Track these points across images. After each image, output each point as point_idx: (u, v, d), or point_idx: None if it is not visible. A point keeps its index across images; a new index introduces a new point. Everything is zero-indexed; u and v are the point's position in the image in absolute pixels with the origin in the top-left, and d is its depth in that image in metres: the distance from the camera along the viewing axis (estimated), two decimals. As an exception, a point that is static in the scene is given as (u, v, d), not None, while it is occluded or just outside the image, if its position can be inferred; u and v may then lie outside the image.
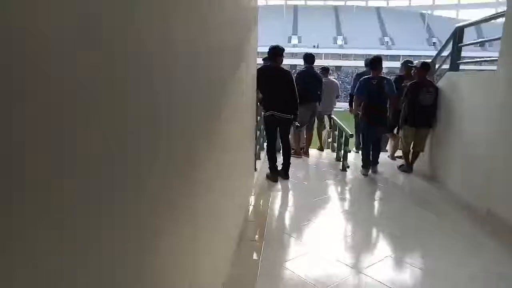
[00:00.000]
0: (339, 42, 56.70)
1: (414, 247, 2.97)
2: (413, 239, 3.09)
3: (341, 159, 5.37)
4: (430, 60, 5.29)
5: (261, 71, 4.28)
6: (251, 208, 3.57)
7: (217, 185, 1.91)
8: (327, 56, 54.18)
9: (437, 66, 5.50)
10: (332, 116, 6.48)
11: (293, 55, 52.93)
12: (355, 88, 5.12)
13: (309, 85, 5.48)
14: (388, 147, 6.57)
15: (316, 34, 55.32)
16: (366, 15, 61.68)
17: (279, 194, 4.15)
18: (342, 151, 5.21)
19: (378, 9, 64.58)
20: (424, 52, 52.15)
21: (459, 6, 64.22)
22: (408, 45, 53.56)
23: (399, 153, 5.82)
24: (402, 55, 53.41)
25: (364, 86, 4.87)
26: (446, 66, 5.29)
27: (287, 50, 5.11)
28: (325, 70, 6.47)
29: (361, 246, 2.98)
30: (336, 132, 6.21)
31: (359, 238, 3.12)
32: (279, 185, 4.41)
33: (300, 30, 58.54)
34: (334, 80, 6.58)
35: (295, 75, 5.20)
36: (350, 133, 5.11)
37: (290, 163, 4.63)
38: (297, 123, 4.81)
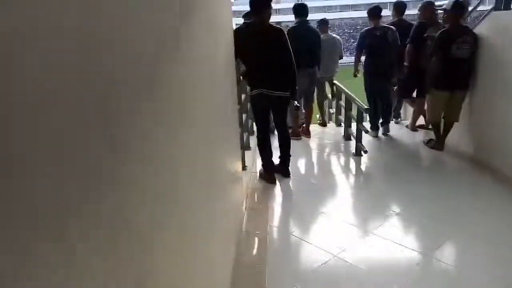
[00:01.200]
0: (324, -7, 53.69)
1: None
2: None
3: (352, 138, 4.22)
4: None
5: (239, 33, 2.99)
6: (242, 239, 2.45)
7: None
8: (311, 9, 51.52)
9: (471, 7, 4.21)
10: (335, 81, 5.24)
11: (276, 11, 51.35)
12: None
13: (304, 45, 4.18)
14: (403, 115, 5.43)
15: (299, -13, 52.31)
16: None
17: (279, 207, 3.00)
18: (355, 129, 4.02)
19: (362, -47, 60.61)
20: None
21: None
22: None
23: (420, 121, 4.68)
24: (389, 2, 51.30)
25: (365, 39, 4.51)
26: (484, 7, 4.04)
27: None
28: (324, 23, 5.10)
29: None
30: (342, 102, 5.01)
31: None
32: (278, 189, 3.27)
33: (281, -16, 55.14)
34: (335, 36, 5.23)
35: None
36: (366, 106, 3.90)
37: (290, 156, 3.46)
38: (296, 103, 3.59)
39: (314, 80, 4.65)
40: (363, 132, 3.94)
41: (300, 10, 4.43)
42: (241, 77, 3.24)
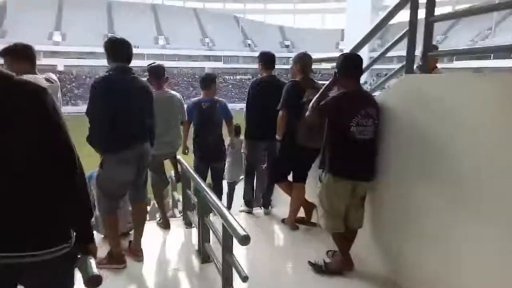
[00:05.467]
0: (161, 42, 53.66)
1: None
2: None
3: (213, 258, 2.48)
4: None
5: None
6: None
7: None
8: (149, 56, 50.35)
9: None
10: (178, 157, 3.53)
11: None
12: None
13: (127, 107, 2.39)
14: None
15: (135, 33, 50.59)
16: (185, 16, 60.70)
17: None
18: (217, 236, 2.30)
19: (195, 10, 64.48)
20: (241, 52, 55.51)
21: (266, 11, 71.09)
22: (227, 46, 55.54)
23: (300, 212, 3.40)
24: (223, 56, 55.58)
25: (193, 111, 3.72)
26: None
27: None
28: (156, 73, 3.37)
29: None
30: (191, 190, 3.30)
31: None
32: None
33: (117, 29, 52.39)
34: (173, 93, 3.54)
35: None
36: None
37: None
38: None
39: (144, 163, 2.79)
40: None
41: (115, 48, 2.58)
42: None
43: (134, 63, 2.59)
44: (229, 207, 5.67)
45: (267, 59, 3.57)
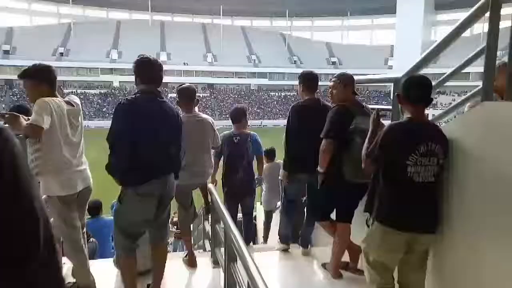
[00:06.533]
0: (209, 59, 55.46)
1: None
2: None
3: None
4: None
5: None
6: None
7: None
8: (198, 73, 52.17)
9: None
10: (209, 185, 3.21)
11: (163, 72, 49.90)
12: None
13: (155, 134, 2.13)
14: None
15: (185, 51, 52.99)
16: (233, 34, 62.32)
17: None
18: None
19: (243, 28, 66.04)
20: (286, 69, 55.59)
21: (312, 29, 70.96)
22: (273, 62, 56.01)
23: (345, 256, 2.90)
24: (269, 72, 56.02)
25: (224, 144, 3.49)
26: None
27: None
28: (187, 94, 3.04)
29: None
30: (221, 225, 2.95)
31: None
32: None
33: (169, 47, 55.23)
34: (205, 117, 3.26)
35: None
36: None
37: None
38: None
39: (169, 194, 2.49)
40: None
41: (144, 69, 2.32)
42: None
43: (183, 79, 2.35)
44: (265, 237, 5.26)
45: (309, 80, 3.11)
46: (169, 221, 2.79)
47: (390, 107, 2.72)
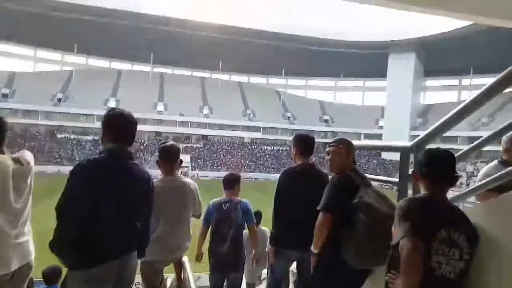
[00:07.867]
0: (205, 111, 56.41)
1: None
2: None
3: None
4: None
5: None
6: None
7: None
8: (193, 124, 52.74)
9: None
10: (184, 259, 2.76)
11: (159, 122, 50.90)
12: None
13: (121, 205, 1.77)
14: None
15: (183, 103, 54.15)
16: (230, 88, 64.21)
17: None
18: None
19: (240, 84, 68.23)
20: (280, 124, 56.53)
21: (307, 87, 73.57)
22: (267, 117, 57.14)
23: None
24: (262, 126, 56.75)
25: (212, 212, 3.13)
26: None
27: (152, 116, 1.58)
28: (169, 152, 2.75)
29: None
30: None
31: None
32: None
33: (167, 97, 56.50)
34: (187, 180, 2.90)
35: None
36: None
37: None
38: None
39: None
40: None
41: (113, 125, 2.00)
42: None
43: (179, 130, 2.02)
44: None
45: (303, 144, 2.79)
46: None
47: (396, 179, 2.40)
